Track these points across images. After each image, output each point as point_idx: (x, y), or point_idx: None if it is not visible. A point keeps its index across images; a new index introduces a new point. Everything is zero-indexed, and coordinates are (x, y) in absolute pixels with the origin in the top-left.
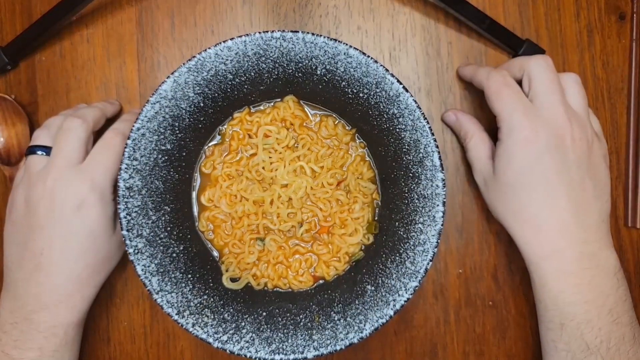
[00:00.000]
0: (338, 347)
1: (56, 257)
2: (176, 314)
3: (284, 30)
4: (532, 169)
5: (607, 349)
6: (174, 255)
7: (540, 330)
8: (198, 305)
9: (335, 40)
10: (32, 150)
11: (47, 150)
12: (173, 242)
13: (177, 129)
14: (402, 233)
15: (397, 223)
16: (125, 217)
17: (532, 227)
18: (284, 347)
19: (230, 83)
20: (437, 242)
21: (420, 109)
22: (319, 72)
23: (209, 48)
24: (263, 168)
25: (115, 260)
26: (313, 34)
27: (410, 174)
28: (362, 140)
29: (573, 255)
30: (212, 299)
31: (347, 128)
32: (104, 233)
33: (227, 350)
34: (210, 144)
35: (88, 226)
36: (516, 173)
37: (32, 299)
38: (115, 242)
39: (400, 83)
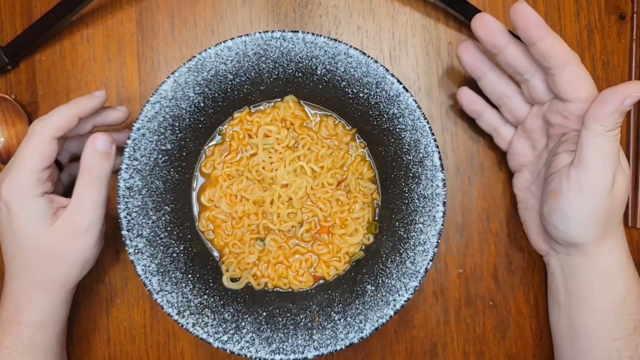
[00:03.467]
0: (338, 347)
1: None
2: (176, 314)
3: (284, 30)
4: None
5: None
6: (174, 255)
7: (590, 348)
8: (198, 305)
9: (336, 40)
10: None
11: None
12: (173, 242)
13: (177, 129)
14: (402, 233)
15: (397, 223)
16: (125, 217)
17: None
18: (284, 347)
19: (230, 83)
20: (437, 242)
21: (420, 109)
22: (319, 72)
23: (209, 48)
24: (263, 168)
25: (69, 256)
26: (313, 34)
27: (411, 174)
28: (362, 140)
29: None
30: (212, 299)
31: (347, 128)
32: (33, 231)
33: (228, 350)
34: (210, 144)
35: (11, 226)
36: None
37: None
38: (58, 236)
39: (401, 83)
